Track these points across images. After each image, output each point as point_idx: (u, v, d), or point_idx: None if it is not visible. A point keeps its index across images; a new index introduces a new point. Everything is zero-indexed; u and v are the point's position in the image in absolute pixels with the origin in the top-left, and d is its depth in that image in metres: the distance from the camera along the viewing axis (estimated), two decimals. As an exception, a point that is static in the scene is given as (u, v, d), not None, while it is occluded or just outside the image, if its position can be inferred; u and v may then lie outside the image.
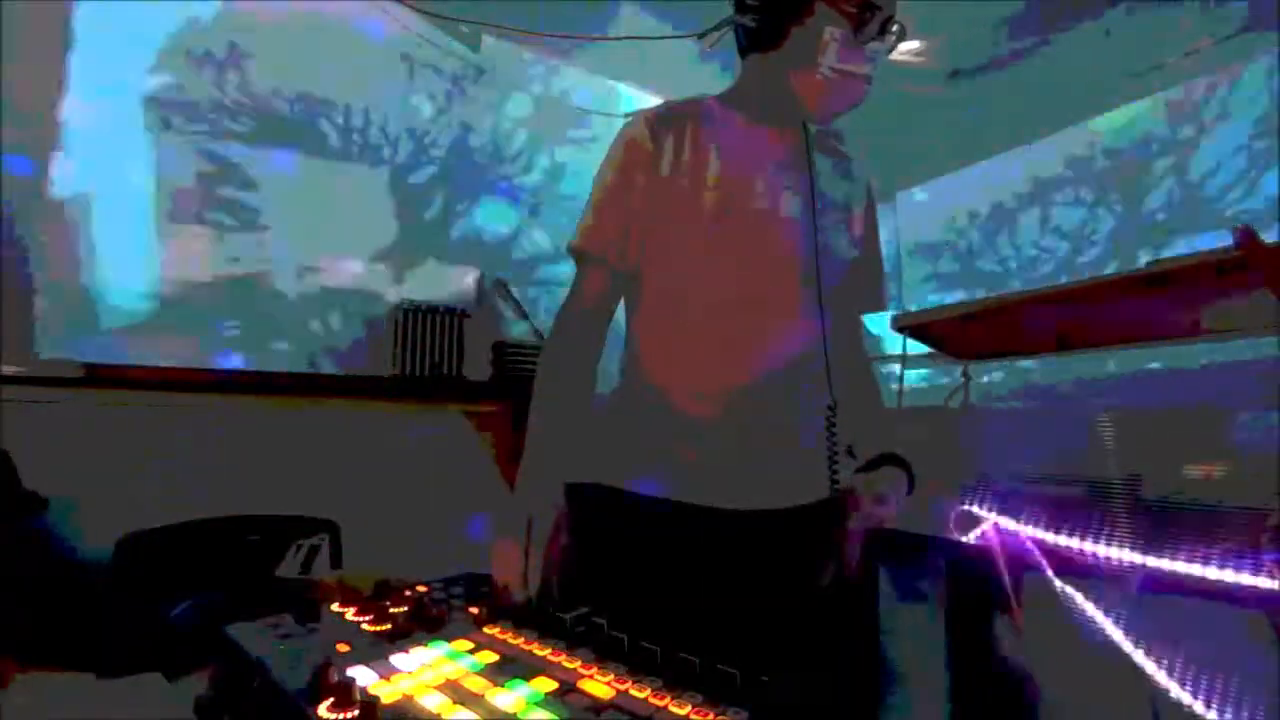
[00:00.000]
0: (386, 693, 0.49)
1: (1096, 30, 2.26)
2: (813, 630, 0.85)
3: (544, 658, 0.56)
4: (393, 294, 2.31)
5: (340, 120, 2.29)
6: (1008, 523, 1.59)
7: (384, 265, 2.34)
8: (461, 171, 2.56)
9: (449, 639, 0.60)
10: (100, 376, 1.69)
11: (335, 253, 2.25)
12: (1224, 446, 1.43)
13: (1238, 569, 1.21)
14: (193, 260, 2.01)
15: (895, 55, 0.93)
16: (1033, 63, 2.50)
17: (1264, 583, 1.18)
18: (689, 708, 0.47)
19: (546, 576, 0.75)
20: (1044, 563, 1.51)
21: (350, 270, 2.27)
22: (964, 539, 1.65)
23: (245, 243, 2.10)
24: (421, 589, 0.74)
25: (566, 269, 0.99)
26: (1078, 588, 1.47)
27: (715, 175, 0.91)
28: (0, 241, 1.67)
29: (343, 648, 0.57)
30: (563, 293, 0.97)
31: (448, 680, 0.52)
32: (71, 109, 1.82)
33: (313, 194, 2.22)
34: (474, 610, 0.68)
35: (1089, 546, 1.44)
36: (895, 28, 0.88)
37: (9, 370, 1.55)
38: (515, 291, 2.51)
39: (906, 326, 1.94)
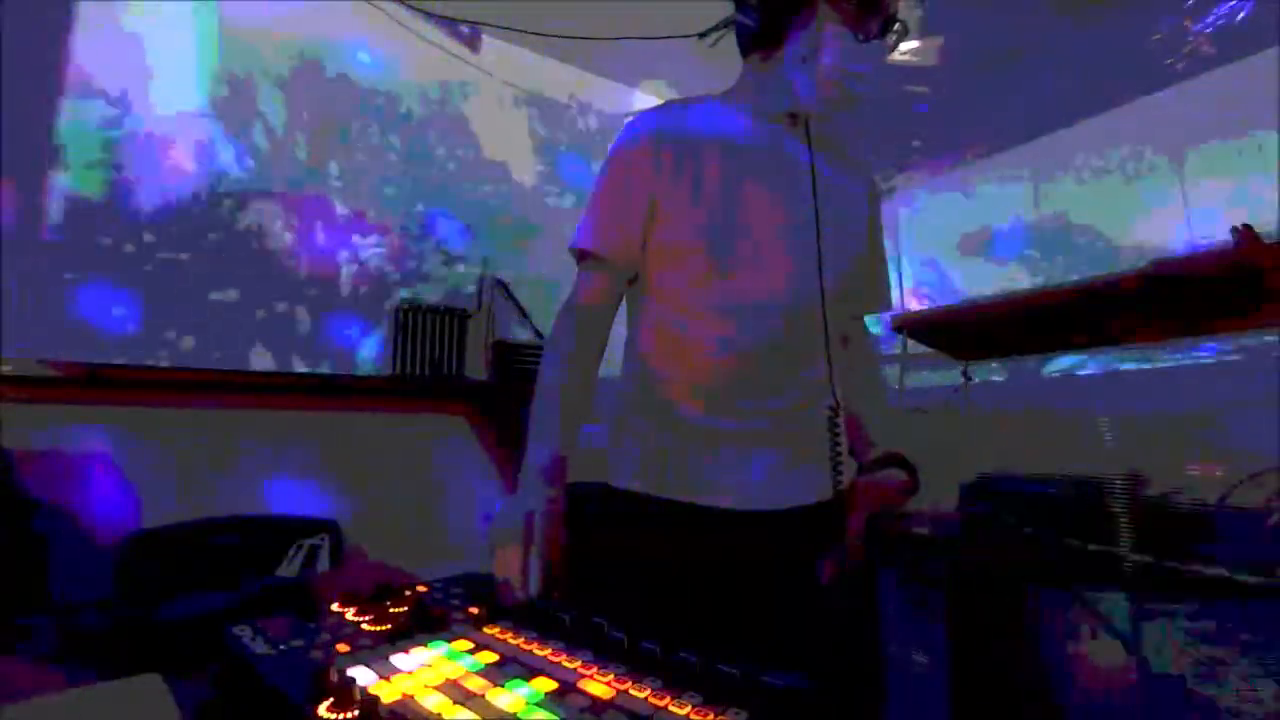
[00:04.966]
0: (386, 693, 0.49)
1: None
2: (814, 630, 0.85)
3: (544, 658, 0.56)
4: (393, 293, 2.31)
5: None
6: (1008, 523, 1.59)
7: (385, 264, 2.34)
8: (461, 169, 2.56)
9: (449, 639, 0.60)
10: (100, 376, 1.69)
11: (335, 252, 2.25)
12: (1224, 446, 1.43)
13: (1238, 569, 1.21)
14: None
15: (896, 55, 0.93)
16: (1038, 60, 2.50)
17: (1264, 583, 1.18)
18: (689, 708, 0.47)
19: (547, 575, 0.75)
20: (1044, 563, 1.51)
21: (351, 269, 2.27)
22: (964, 539, 1.65)
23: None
24: (421, 589, 0.74)
25: (568, 269, 0.99)
26: (1078, 588, 1.47)
27: (716, 174, 0.91)
28: (0, 241, 1.67)
29: (343, 648, 0.57)
30: (564, 293, 0.97)
31: (448, 680, 0.52)
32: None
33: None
34: (474, 610, 0.68)
35: (1089, 546, 1.44)
36: (896, 27, 0.88)
37: (9, 370, 1.55)
38: (515, 291, 2.52)
39: (906, 326, 1.94)
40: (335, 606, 0.68)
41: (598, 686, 0.51)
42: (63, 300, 1.78)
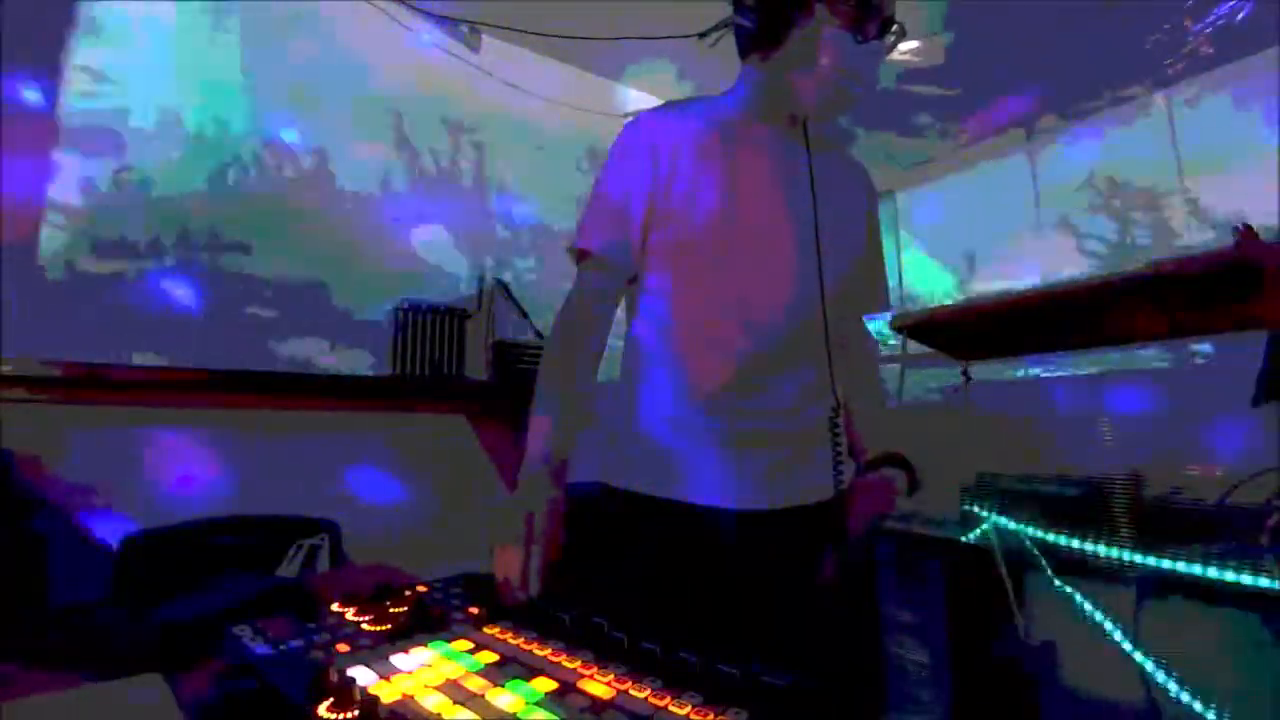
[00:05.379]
0: (386, 693, 0.49)
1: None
2: (814, 630, 0.85)
3: (544, 658, 0.56)
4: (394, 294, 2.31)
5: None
6: (1008, 523, 1.59)
7: (384, 265, 2.34)
8: (462, 170, 2.56)
9: (449, 639, 0.60)
10: (99, 377, 1.69)
11: (335, 252, 2.25)
12: (1224, 446, 1.43)
13: (1238, 569, 1.21)
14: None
15: (895, 55, 0.93)
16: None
17: (1264, 583, 1.18)
18: (689, 708, 0.47)
19: (547, 575, 0.75)
20: (1044, 563, 1.51)
21: (351, 270, 2.27)
22: (964, 539, 1.65)
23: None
24: (421, 589, 0.74)
25: (568, 269, 0.99)
26: (1078, 588, 1.47)
27: (716, 175, 0.91)
28: (0, 241, 1.67)
29: (343, 648, 0.57)
30: (564, 293, 0.97)
31: (448, 680, 0.52)
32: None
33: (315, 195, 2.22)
34: (474, 610, 0.68)
35: (1089, 546, 1.44)
36: (895, 28, 0.88)
37: (9, 370, 1.55)
38: (515, 292, 2.52)
39: (906, 326, 1.94)
40: (335, 606, 0.68)
41: (598, 686, 0.51)
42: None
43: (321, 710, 0.45)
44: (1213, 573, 1.23)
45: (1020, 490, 1.65)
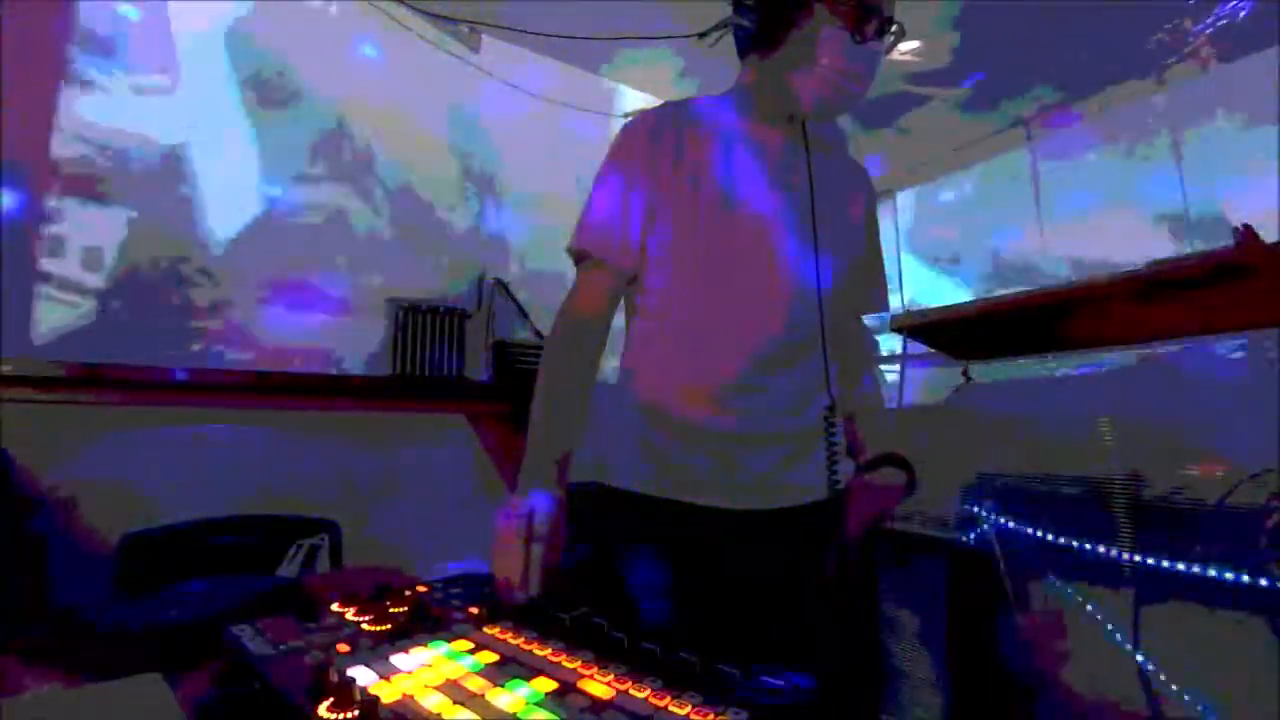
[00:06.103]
0: (386, 693, 0.49)
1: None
2: (813, 630, 0.85)
3: (544, 658, 0.56)
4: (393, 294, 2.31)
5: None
6: (1008, 523, 1.59)
7: (384, 265, 2.34)
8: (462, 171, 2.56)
9: (449, 639, 0.60)
10: (99, 377, 1.69)
11: (335, 253, 2.25)
12: (1224, 446, 1.43)
13: (1238, 569, 1.21)
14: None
15: (895, 55, 0.93)
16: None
17: (1264, 583, 1.18)
18: (689, 708, 0.47)
19: (547, 575, 0.75)
20: (1044, 563, 1.51)
21: (350, 270, 2.27)
22: (964, 539, 1.65)
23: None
24: (421, 589, 0.74)
25: (566, 269, 0.99)
26: (1078, 588, 1.47)
27: (715, 175, 0.91)
28: (0, 241, 1.67)
29: (343, 648, 0.57)
30: (563, 293, 0.97)
31: (448, 680, 0.52)
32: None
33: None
34: (474, 610, 0.68)
35: (1089, 546, 1.44)
36: (894, 28, 0.88)
37: (9, 370, 1.55)
38: (515, 292, 2.52)
39: (906, 326, 1.95)
40: (335, 606, 0.68)
41: (598, 686, 0.51)
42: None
43: (321, 710, 0.45)
44: (1213, 573, 1.23)
45: (1020, 490, 1.65)
